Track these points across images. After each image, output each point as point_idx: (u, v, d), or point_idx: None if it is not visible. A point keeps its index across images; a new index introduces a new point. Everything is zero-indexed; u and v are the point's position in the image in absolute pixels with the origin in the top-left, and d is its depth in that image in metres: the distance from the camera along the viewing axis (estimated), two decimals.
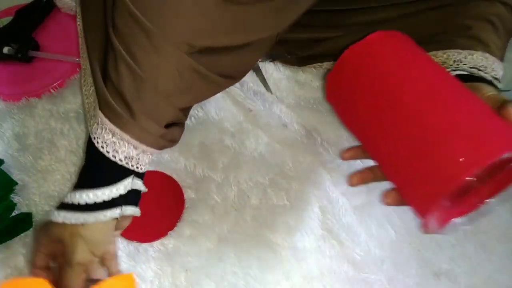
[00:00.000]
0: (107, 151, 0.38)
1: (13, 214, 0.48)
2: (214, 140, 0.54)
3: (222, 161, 0.53)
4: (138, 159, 0.40)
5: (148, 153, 0.41)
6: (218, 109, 0.56)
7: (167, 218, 0.49)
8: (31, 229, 0.48)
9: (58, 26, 0.61)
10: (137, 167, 0.40)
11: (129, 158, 0.39)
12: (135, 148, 0.39)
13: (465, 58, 0.40)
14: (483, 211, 0.30)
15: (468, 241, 0.50)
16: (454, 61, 0.41)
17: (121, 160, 0.39)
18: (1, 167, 0.50)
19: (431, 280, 0.48)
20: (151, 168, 0.52)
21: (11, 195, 0.49)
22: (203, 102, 0.56)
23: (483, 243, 0.50)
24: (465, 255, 0.49)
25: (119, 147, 0.38)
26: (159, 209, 0.49)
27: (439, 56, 0.44)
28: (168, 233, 0.48)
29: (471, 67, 0.40)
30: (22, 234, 0.47)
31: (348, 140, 0.54)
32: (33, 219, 0.48)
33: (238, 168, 0.52)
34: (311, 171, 0.53)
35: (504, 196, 0.30)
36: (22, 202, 0.49)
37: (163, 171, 0.52)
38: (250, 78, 0.58)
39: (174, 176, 0.51)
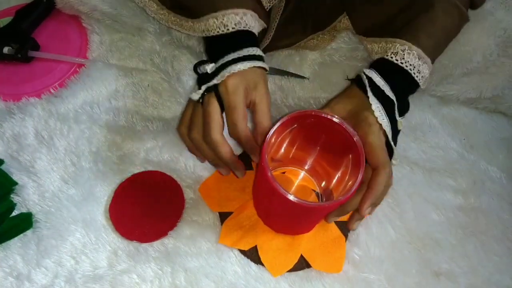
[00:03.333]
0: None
1: (13, 214, 0.48)
2: None
3: None
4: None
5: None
6: None
7: (167, 218, 0.49)
8: (31, 229, 0.48)
9: (58, 26, 0.61)
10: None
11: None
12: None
13: (403, 51, 0.44)
14: None
15: (468, 241, 0.50)
16: (392, 52, 0.45)
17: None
18: (1, 167, 0.50)
19: (430, 280, 0.48)
20: (151, 169, 0.52)
21: (11, 195, 0.49)
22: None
23: (483, 243, 0.50)
24: (465, 255, 0.49)
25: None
26: (159, 209, 0.49)
27: (380, 43, 0.48)
28: (168, 233, 0.48)
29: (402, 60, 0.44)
30: (21, 234, 0.47)
31: None
32: (32, 219, 0.48)
33: None
34: None
35: None
36: (22, 202, 0.49)
37: (163, 171, 0.52)
38: None
39: (174, 176, 0.51)
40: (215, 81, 0.41)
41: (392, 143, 0.43)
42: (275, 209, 0.43)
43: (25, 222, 0.48)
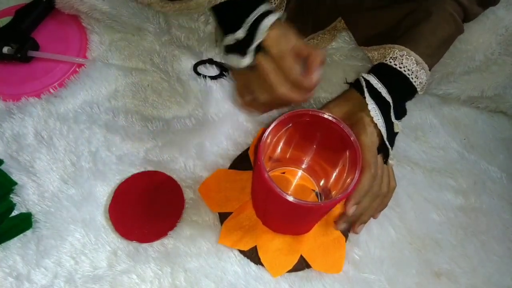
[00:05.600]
0: None
1: (13, 214, 0.48)
2: (214, 140, 0.54)
3: (221, 161, 0.53)
4: None
5: None
6: (217, 109, 0.56)
7: (167, 218, 0.49)
8: (30, 229, 0.48)
9: (57, 26, 0.61)
10: None
11: None
12: None
13: (402, 56, 0.46)
14: None
15: (468, 241, 0.50)
16: (391, 57, 0.46)
17: None
18: (0, 167, 0.50)
19: (431, 280, 0.48)
20: (150, 169, 0.52)
21: (11, 195, 0.49)
22: (203, 102, 0.56)
23: (484, 243, 0.50)
24: (466, 255, 0.49)
25: None
26: (159, 209, 0.49)
27: (379, 49, 0.49)
28: (168, 233, 0.48)
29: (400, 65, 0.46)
30: (20, 235, 0.47)
31: None
32: (32, 220, 0.48)
33: None
34: None
35: None
36: (21, 203, 0.49)
37: (163, 171, 0.52)
38: None
39: (174, 176, 0.51)
40: (259, 38, 0.40)
41: (387, 143, 0.44)
42: (273, 209, 0.43)
43: (25, 222, 0.48)
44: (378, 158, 0.43)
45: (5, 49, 0.56)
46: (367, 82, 0.45)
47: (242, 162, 0.52)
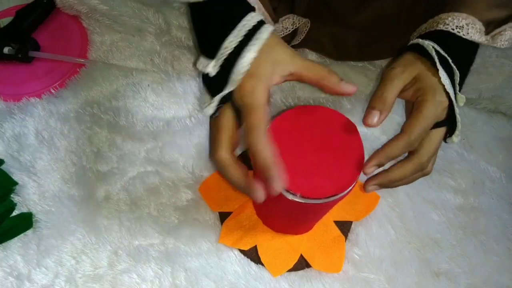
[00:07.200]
0: None
1: (13, 214, 0.49)
2: None
3: None
4: None
5: None
6: None
7: (342, 167, 0.35)
8: (31, 229, 0.48)
9: (58, 26, 0.61)
10: None
11: None
12: None
13: (467, 25, 0.40)
14: None
15: (468, 241, 0.50)
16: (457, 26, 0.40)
17: None
18: (1, 167, 0.50)
19: (430, 280, 0.48)
20: (151, 169, 0.52)
21: (11, 195, 0.49)
22: (203, 102, 0.56)
23: (483, 243, 0.50)
24: (465, 255, 0.49)
25: None
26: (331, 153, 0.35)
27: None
28: (348, 188, 0.34)
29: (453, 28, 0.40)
30: (21, 234, 0.48)
31: None
32: (33, 219, 0.48)
33: None
34: None
35: None
36: (22, 202, 0.49)
37: (163, 171, 0.52)
38: None
39: (174, 176, 0.51)
40: (228, 89, 0.32)
41: (457, 115, 0.39)
42: (274, 208, 0.44)
43: (26, 222, 0.48)
44: (433, 134, 0.38)
45: (6, 49, 0.56)
46: (434, 48, 0.39)
47: (242, 161, 0.52)
